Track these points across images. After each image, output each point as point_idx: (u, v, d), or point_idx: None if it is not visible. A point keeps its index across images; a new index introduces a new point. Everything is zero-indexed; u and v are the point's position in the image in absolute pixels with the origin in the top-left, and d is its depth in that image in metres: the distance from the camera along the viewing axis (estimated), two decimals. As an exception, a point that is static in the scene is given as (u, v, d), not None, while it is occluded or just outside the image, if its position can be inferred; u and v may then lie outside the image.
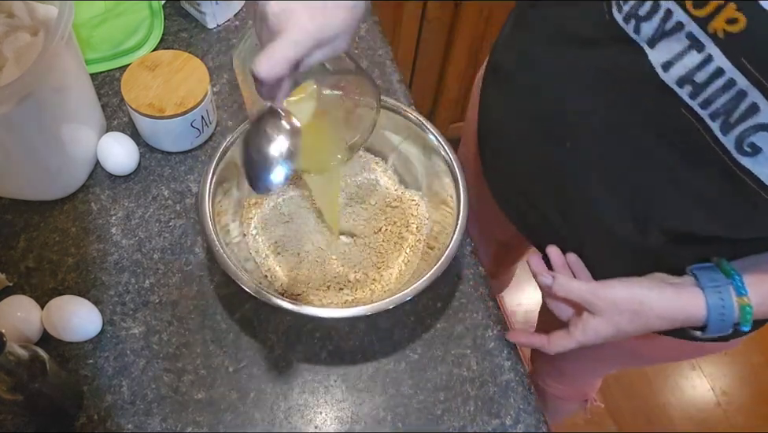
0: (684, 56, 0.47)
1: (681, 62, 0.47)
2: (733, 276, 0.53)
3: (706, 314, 0.53)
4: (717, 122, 0.47)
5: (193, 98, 0.72)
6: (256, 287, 0.60)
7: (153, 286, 0.69)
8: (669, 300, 0.54)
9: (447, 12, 1.32)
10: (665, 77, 0.49)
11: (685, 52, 0.47)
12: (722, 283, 0.53)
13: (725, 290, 0.53)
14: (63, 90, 0.67)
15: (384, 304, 0.61)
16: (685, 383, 1.59)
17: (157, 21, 0.86)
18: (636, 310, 0.55)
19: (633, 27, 0.50)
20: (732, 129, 0.46)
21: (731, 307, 0.53)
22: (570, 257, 0.64)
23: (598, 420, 1.51)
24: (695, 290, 0.54)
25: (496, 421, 0.65)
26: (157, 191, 0.76)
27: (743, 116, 0.45)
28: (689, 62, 0.47)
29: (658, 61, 0.49)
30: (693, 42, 0.46)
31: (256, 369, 0.66)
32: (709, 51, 0.45)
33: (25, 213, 0.73)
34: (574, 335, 0.59)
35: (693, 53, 0.46)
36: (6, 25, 0.67)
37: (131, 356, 0.65)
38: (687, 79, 0.47)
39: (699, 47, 0.46)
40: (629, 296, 0.55)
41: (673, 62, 0.48)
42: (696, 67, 0.46)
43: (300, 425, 0.64)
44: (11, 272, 0.69)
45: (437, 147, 0.71)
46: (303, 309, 0.60)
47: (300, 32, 0.45)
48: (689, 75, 0.47)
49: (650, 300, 0.54)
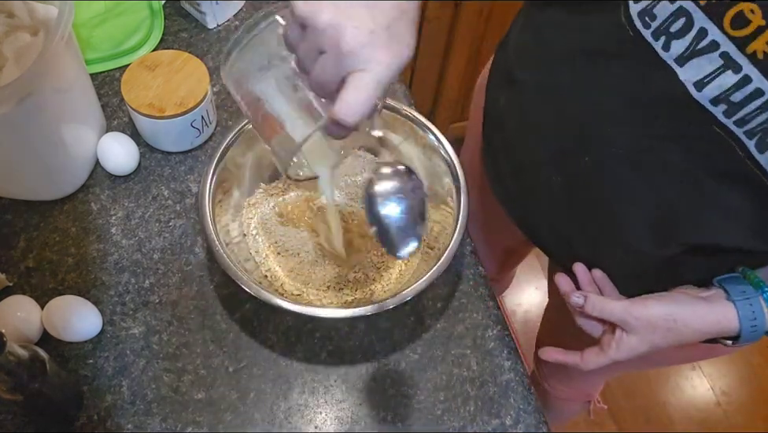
0: (718, 76, 0.46)
1: (716, 82, 0.46)
2: (762, 287, 0.53)
3: (738, 325, 0.54)
4: (753, 140, 0.47)
5: (193, 98, 0.72)
6: (256, 287, 0.60)
7: (153, 286, 0.69)
8: (702, 316, 0.54)
9: (447, 12, 1.32)
10: (698, 96, 0.48)
11: (719, 71, 0.46)
12: (752, 295, 0.53)
13: (756, 301, 0.53)
14: (63, 90, 0.66)
15: (384, 304, 0.61)
16: (685, 383, 1.59)
17: (157, 21, 0.86)
18: (670, 327, 0.54)
19: (663, 44, 0.48)
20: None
21: (762, 317, 0.53)
22: (596, 274, 0.63)
23: (598, 421, 1.51)
24: (726, 303, 0.54)
25: (496, 421, 0.65)
26: (157, 191, 0.76)
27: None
28: (725, 82, 0.46)
29: (689, 80, 0.48)
30: (728, 61, 0.45)
31: (256, 369, 0.66)
32: (746, 72, 0.45)
33: (25, 213, 0.73)
34: (608, 354, 0.58)
35: (729, 74, 0.46)
36: (6, 25, 0.67)
37: (130, 356, 0.65)
38: (722, 99, 0.47)
39: (735, 68, 0.45)
40: (664, 314, 0.54)
41: (707, 82, 0.47)
42: (732, 87, 0.46)
43: (300, 425, 0.64)
44: (11, 272, 0.69)
45: (437, 147, 0.71)
46: (303, 309, 0.60)
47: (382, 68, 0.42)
48: (725, 94, 0.46)
49: (684, 317, 0.54)
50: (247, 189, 0.73)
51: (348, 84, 0.42)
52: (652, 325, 0.55)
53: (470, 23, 1.33)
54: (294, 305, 0.60)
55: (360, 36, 0.41)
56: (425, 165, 0.73)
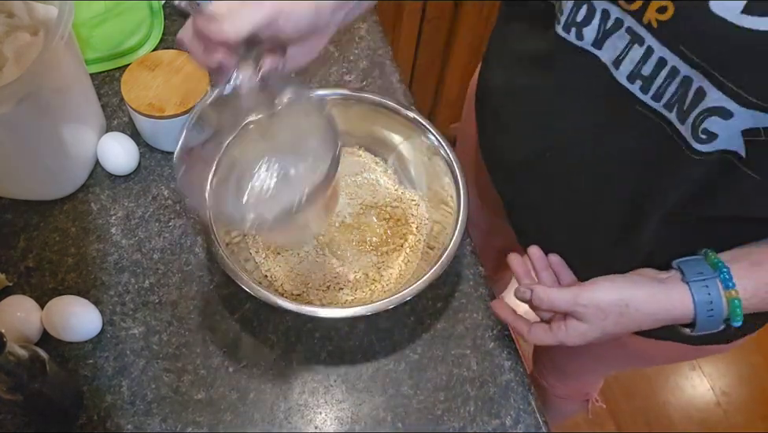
0: (629, 51, 0.47)
1: (628, 57, 0.48)
2: (720, 269, 0.51)
3: (693, 310, 0.52)
4: (673, 112, 0.47)
5: (193, 98, 0.72)
6: (256, 287, 0.60)
7: (153, 286, 0.69)
8: (656, 300, 0.53)
9: (447, 12, 1.32)
10: (617, 75, 0.49)
11: (629, 47, 0.47)
12: (709, 277, 0.52)
13: (712, 283, 0.51)
14: (63, 90, 0.66)
15: (384, 304, 0.61)
16: (685, 383, 1.59)
17: (157, 21, 0.86)
18: (622, 312, 0.53)
19: (576, 35, 0.51)
20: (687, 117, 0.46)
21: (719, 302, 0.51)
22: (552, 258, 0.63)
23: (598, 421, 1.51)
24: (682, 285, 0.53)
25: (496, 421, 0.65)
26: (157, 191, 0.76)
27: (693, 103, 0.46)
28: (635, 56, 0.47)
29: (609, 60, 0.49)
30: (633, 36, 0.47)
31: (256, 369, 0.66)
32: (648, 43, 0.46)
33: (25, 213, 0.73)
34: (556, 334, 0.57)
35: (636, 48, 0.47)
36: (6, 25, 0.67)
37: (130, 356, 0.65)
38: (636, 74, 0.48)
39: (639, 40, 0.46)
40: (615, 298, 0.53)
41: (621, 59, 0.48)
42: (640, 60, 0.47)
43: (300, 425, 0.64)
44: (11, 271, 0.69)
45: (437, 147, 0.71)
46: (303, 309, 0.60)
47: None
48: (637, 69, 0.48)
49: (636, 301, 0.53)
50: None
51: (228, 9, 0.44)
52: (603, 311, 0.53)
53: (470, 23, 1.33)
54: (294, 304, 0.60)
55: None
56: (425, 165, 0.73)
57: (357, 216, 0.74)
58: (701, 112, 0.45)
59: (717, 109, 0.44)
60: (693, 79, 0.44)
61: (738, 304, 0.51)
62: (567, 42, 0.52)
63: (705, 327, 0.53)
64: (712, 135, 0.45)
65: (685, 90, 0.45)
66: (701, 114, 0.45)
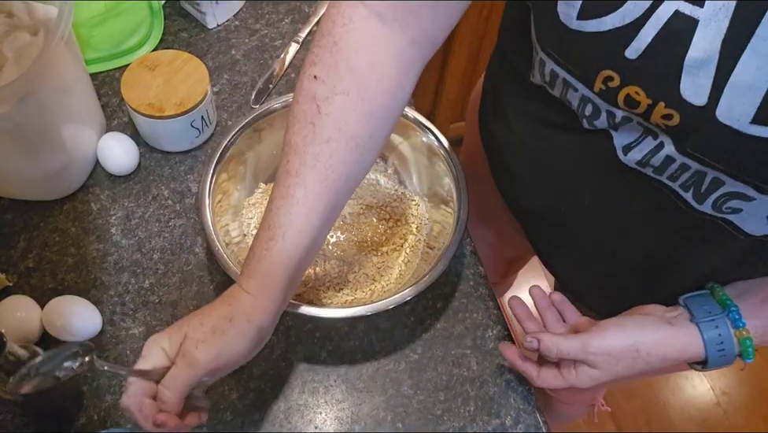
0: (642, 141, 0.47)
1: (639, 147, 0.47)
2: (729, 307, 0.51)
3: (704, 351, 0.51)
4: (689, 192, 0.47)
5: (193, 98, 0.72)
6: None
7: (153, 286, 0.69)
8: (667, 342, 0.52)
9: (447, 12, 1.32)
10: (624, 160, 0.49)
11: (642, 137, 0.47)
12: (718, 316, 0.51)
13: (722, 323, 0.51)
14: (63, 90, 0.66)
15: (384, 304, 0.61)
16: (685, 383, 1.59)
17: (157, 21, 0.86)
18: (634, 357, 0.52)
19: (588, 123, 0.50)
20: (706, 199, 0.46)
21: (730, 341, 0.50)
22: (554, 297, 0.63)
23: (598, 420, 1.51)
24: (691, 326, 0.52)
25: (496, 421, 0.65)
26: (157, 191, 0.76)
27: (710, 189, 0.45)
28: (646, 147, 0.47)
29: (620, 144, 0.49)
30: (645, 129, 0.46)
31: (256, 369, 0.66)
32: (662, 138, 0.45)
33: (25, 213, 0.73)
34: (567, 379, 0.56)
35: (649, 139, 0.46)
36: (6, 25, 0.67)
37: (130, 356, 0.65)
38: (645, 163, 0.47)
39: (654, 134, 0.46)
40: (625, 345, 0.52)
41: (633, 146, 0.48)
42: (650, 152, 0.46)
43: (300, 425, 0.64)
44: (11, 271, 0.69)
45: (437, 147, 0.71)
46: (303, 309, 0.60)
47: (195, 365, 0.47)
48: (645, 159, 0.47)
49: (646, 345, 0.52)
50: (247, 189, 0.73)
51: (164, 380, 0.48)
52: (614, 357, 0.52)
53: (470, 23, 1.33)
54: (294, 305, 0.60)
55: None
56: (425, 165, 0.73)
57: (357, 216, 0.74)
58: (721, 196, 0.45)
59: (737, 194, 0.44)
60: (707, 174, 0.44)
61: (750, 343, 0.50)
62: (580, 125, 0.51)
63: (717, 364, 0.52)
64: (737, 209, 0.45)
65: (701, 179, 0.45)
66: (721, 197, 0.45)
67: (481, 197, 0.78)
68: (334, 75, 0.48)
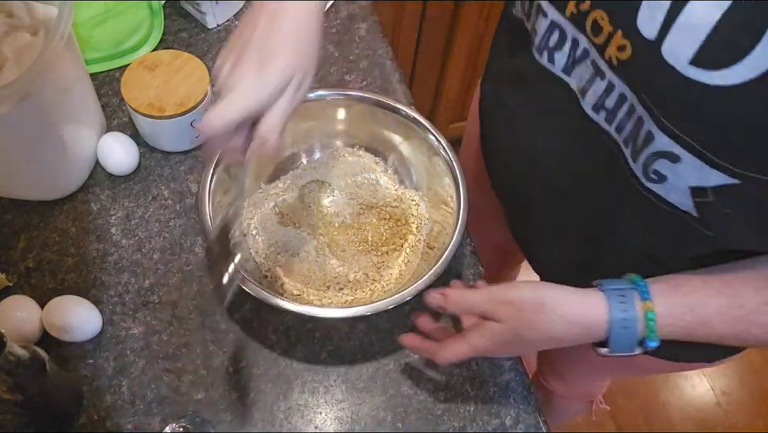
0: (593, 83, 0.48)
1: (592, 89, 0.48)
2: (638, 283, 0.50)
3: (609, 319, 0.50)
4: (628, 149, 0.48)
5: (193, 98, 0.72)
6: (256, 287, 0.60)
7: (153, 286, 0.69)
8: (571, 302, 0.51)
9: (447, 12, 1.32)
10: (583, 104, 0.50)
11: (593, 79, 0.48)
12: (626, 288, 0.50)
13: (629, 294, 0.50)
14: (63, 90, 0.66)
15: (384, 304, 0.61)
16: (685, 383, 1.59)
17: (157, 21, 0.86)
18: (537, 311, 0.51)
19: (548, 58, 0.51)
20: (639, 156, 0.46)
21: (633, 314, 0.49)
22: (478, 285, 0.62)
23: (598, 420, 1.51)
24: (598, 293, 0.51)
25: (496, 421, 0.65)
26: (157, 191, 0.76)
27: (643, 144, 0.46)
28: (598, 88, 0.48)
29: (576, 88, 0.50)
30: (596, 69, 0.47)
31: (256, 369, 0.66)
32: (609, 78, 0.46)
33: (25, 213, 0.73)
34: (470, 341, 0.54)
35: (598, 81, 0.47)
36: (6, 25, 0.67)
37: (130, 356, 0.65)
38: (600, 106, 0.48)
39: (601, 74, 0.47)
40: (531, 296, 0.51)
41: (587, 89, 0.49)
42: (603, 92, 0.47)
43: (300, 425, 0.64)
44: (11, 271, 0.69)
45: (437, 147, 0.71)
46: (303, 309, 0.60)
47: (243, 91, 0.47)
48: (600, 101, 0.48)
49: (552, 301, 0.51)
50: (246, 189, 0.73)
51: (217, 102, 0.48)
52: (517, 308, 0.51)
53: (470, 23, 1.33)
54: (294, 304, 0.60)
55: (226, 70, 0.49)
56: (425, 165, 0.73)
57: (357, 216, 0.74)
58: (651, 155, 0.45)
59: (665, 153, 0.44)
60: (644, 122, 0.45)
61: (653, 317, 0.49)
62: (540, 65, 0.52)
63: (619, 342, 0.50)
64: (662, 176, 0.46)
65: (638, 130, 0.46)
66: (651, 156, 0.45)
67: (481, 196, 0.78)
68: None
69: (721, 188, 0.43)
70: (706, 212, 0.46)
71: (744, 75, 0.38)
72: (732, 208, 0.44)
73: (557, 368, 0.99)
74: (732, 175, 0.42)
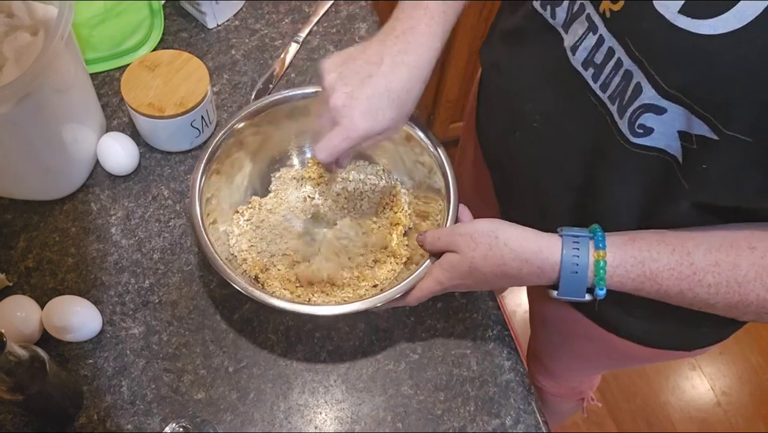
0: (585, 38, 0.49)
1: (583, 44, 0.49)
2: (596, 232, 0.52)
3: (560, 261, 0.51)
4: (614, 105, 0.49)
5: (193, 98, 0.72)
6: (251, 289, 0.60)
7: (152, 286, 0.69)
8: (525, 238, 0.53)
9: (447, 12, 1.32)
10: (573, 60, 0.51)
11: (586, 34, 0.49)
12: (582, 235, 0.52)
13: (584, 241, 0.51)
14: (63, 90, 0.67)
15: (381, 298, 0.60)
16: (685, 383, 1.59)
17: (157, 21, 0.86)
18: (491, 244, 0.53)
19: (550, 13, 0.53)
20: (625, 111, 0.48)
21: (585, 259, 0.51)
22: None
23: (598, 420, 1.51)
24: (554, 236, 0.53)
25: (496, 421, 0.65)
26: (157, 191, 0.76)
27: (631, 98, 0.47)
28: (588, 44, 0.49)
29: (569, 45, 0.51)
30: (590, 23, 0.48)
31: (256, 369, 0.66)
32: (600, 32, 0.47)
33: (25, 213, 0.73)
34: (432, 273, 0.59)
35: (590, 35, 0.48)
36: (6, 25, 0.67)
37: (130, 356, 0.65)
38: (589, 61, 0.49)
39: (594, 29, 0.48)
40: (487, 228, 0.54)
41: (578, 45, 0.50)
42: (593, 47, 0.48)
43: (300, 425, 0.64)
44: (11, 271, 0.69)
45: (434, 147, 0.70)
46: (302, 309, 0.60)
47: (353, 129, 0.54)
48: (590, 56, 0.49)
49: (506, 235, 0.53)
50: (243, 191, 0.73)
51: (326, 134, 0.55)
52: (474, 240, 0.54)
53: (470, 23, 1.33)
54: (292, 304, 0.60)
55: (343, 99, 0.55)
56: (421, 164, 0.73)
57: (354, 216, 0.74)
58: (637, 108, 0.47)
59: (651, 106, 0.45)
60: (634, 74, 0.46)
61: (603, 265, 0.50)
62: (541, 18, 0.54)
63: (568, 285, 0.52)
64: (648, 129, 0.47)
65: (626, 85, 0.47)
66: (637, 110, 0.47)
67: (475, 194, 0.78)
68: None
69: (702, 139, 0.44)
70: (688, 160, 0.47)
71: (731, 25, 0.39)
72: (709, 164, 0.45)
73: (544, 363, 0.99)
74: (713, 129, 0.43)
